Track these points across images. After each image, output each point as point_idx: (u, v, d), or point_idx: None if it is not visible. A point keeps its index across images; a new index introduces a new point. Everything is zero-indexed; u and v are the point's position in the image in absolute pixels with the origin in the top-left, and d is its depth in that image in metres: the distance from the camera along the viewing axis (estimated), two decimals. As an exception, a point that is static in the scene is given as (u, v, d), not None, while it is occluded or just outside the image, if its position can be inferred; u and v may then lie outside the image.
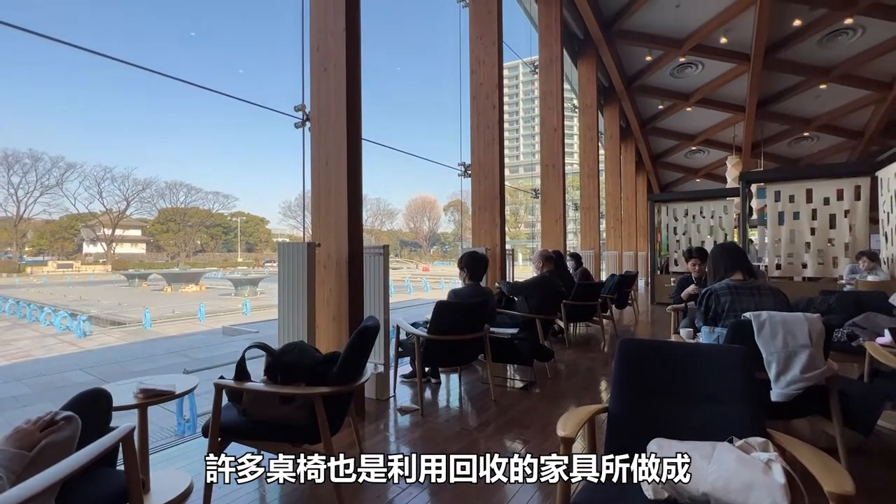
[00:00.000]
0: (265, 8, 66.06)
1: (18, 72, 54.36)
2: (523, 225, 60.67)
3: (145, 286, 31.62)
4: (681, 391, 1.51)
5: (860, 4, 7.06)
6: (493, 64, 4.86)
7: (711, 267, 2.53)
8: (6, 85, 54.62)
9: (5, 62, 52.20)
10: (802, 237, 6.39)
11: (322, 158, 2.99)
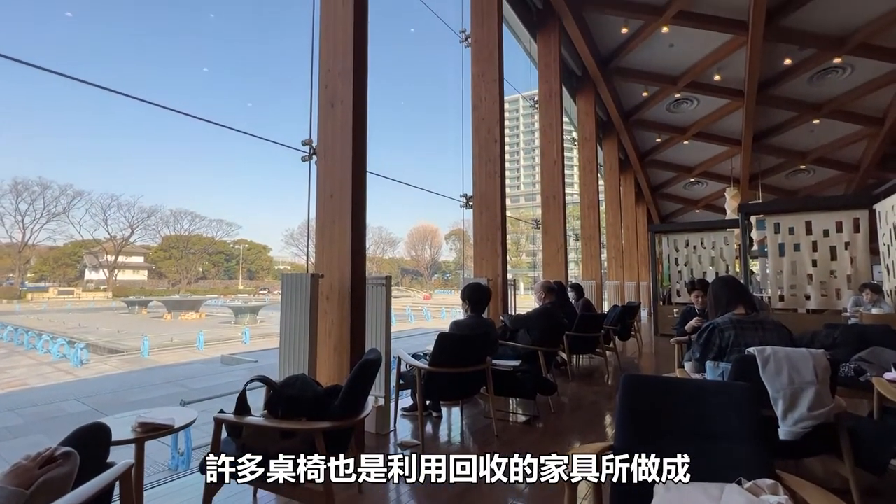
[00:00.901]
0: (276, 44, 68.71)
1: (36, 103, 56.11)
2: (524, 254, 60.76)
3: (145, 313, 31.46)
4: (687, 430, 1.49)
5: (847, 45, 7.33)
6: (495, 100, 5.02)
7: (712, 301, 2.53)
8: (22, 116, 56.27)
9: (24, 95, 54.00)
10: (804, 269, 6.39)
11: (327, 191, 3.05)
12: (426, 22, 68.70)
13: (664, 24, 7.32)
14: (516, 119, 69.76)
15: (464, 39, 5.40)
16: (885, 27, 6.88)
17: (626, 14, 7.38)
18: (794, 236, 6.50)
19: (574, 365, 5.38)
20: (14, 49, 41.73)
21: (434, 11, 5.59)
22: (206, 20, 62.52)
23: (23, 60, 3.11)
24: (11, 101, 55.89)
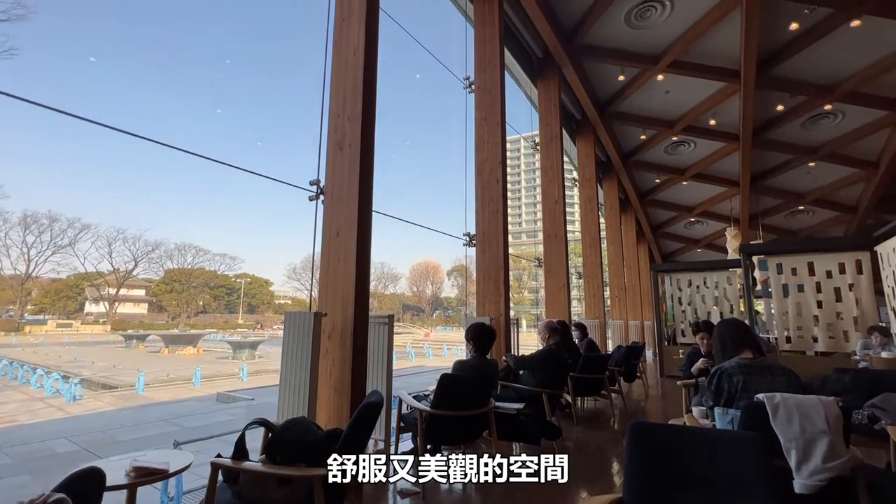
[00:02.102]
0: (288, 87, 71.76)
1: (52, 140, 58.04)
2: (527, 291, 60.46)
3: (142, 348, 31.05)
4: (698, 481, 1.44)
5: (836, 93, 7.61)
6: (497, 143, 5.18)
7: (718, 344, 2.50)
8: (37, 152, 58.06)
9: (43, 134, 56.01)
10: (810, 310, 6.34)
11: (333, 230, 3.11)
12: (432, 68, 71.91)
13: (659, 72, 7.64)
14: (518, 158, 71.44)
15: (467, 86, 5.64)
16: (871, 77, 7.17)
17: (622, 63, 7.73)
18: (797, 277, 6.49)
19: (579, 407, 5.24)
20: (39, 91, 43.59)
21: (439, 60, 5.89)
22: (222, 65, 65.71)
23: (47, 105, 3.26)
24: (28, 138, 57.85)
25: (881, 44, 6.67)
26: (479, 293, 5.07)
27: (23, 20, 22.27)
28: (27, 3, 38.54)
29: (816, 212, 12.33)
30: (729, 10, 6.21)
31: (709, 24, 6.58)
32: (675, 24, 6.85)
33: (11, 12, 14.14)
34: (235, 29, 67.26)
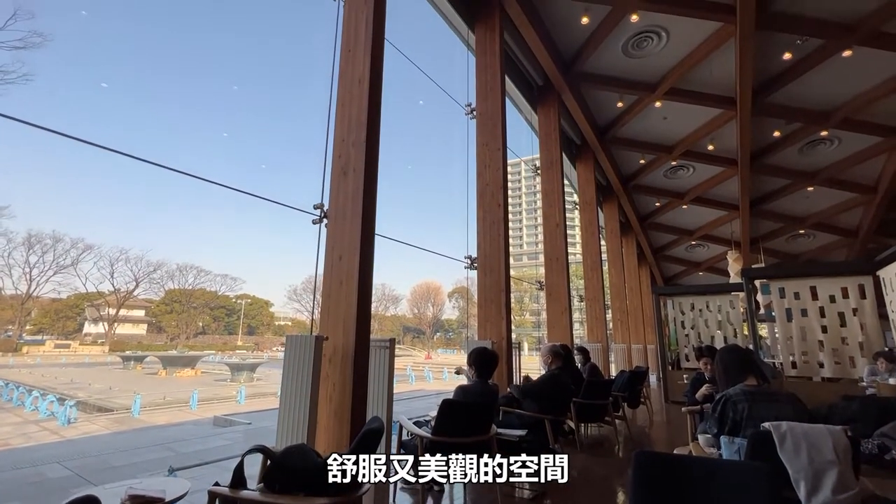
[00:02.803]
0: (294, 113, 73.45)
1: (61, 167, 59.03)
2: (528, 313, 60.06)
3: (140, 369, 30.71)
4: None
5: (832, 120, 7.75)
6: (498, 167, 5.26)
7: (721, 371, 2.47)
8: (43, 173, 58.96)
9: (50, 155, 57.02)
10: (814, 335, 6.28)
11: (336, 254, 3.13)
12: (434, 95, 73.58)
13: (657, 99, 7.82)
14: (518, 181, 72.18)
15: (469, 112, 5.77)
16: (865, 104, 7.32)
17: (620, 90, 7.91)
18: (800, 301, 6.46)
19: (582, 434, 5.14)
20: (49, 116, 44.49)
21: (442, 88, 6.05)
22: (230, 91, 67.46)
23: (57, 131, 3.34)
24: (36, 158, 58.86)
25: (872, 73, 6.84)
26: (480, 316, 5.05)
27: (38, 48, 22.99)
28: (43, 31, 39.87)
29: (817, 236, 12.35)
30: (723, 40, 6.40)
31: (704, 54, 6.77)
32: (671, 54, 7.04)
33: (28, 40, 14.68)
34: (244, 57, 69.34)
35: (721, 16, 5.92)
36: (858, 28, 5.92)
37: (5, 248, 39.67)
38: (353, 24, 3.60)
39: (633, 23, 6.38)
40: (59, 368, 29.28)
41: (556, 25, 6.72)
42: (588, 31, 6.74)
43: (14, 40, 15.51)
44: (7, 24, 11.65)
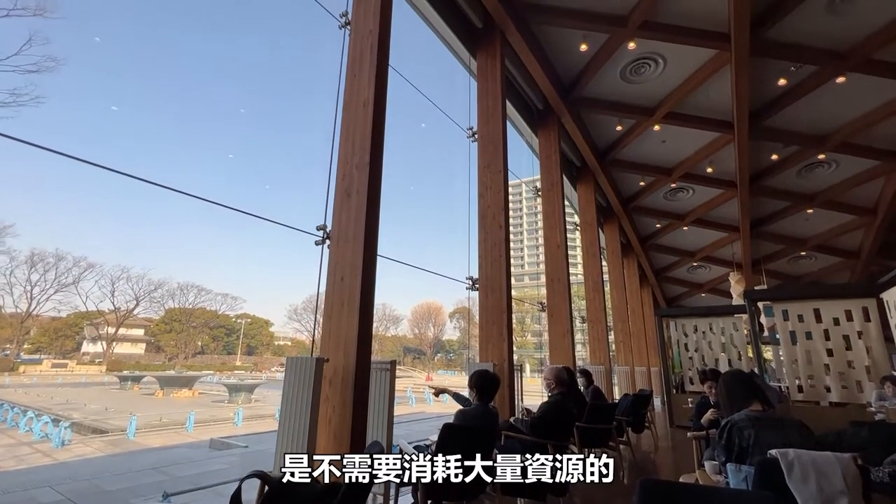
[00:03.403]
0: (299, 135, 74.82)
1: (67, 186, 59.81)
2: (530, 334, 59.54)
3: (136, 390, 30.32)
4: (713, 546, 1.38)
5: (829, 143, 7.86)
6: (499, 189, 5.32)
7: (725, 396, 2.44)
8: (49, 192, 59.67)
9: (57, 179, 57.85)
10: (820, 358, 6.20)
11: (338, 274, 3.14)
12: (437, 118, 75.05)
13: (655, 123, 7.95)
14: (519, 202, 72.68)
15: (471, 135, 5.87)
16: (860, 129, 7.43)
17: (619, 114, 8.06)
18: (804, 324, 6.40)
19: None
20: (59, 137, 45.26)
21: (444, 112, 6.18)
22: (237, 115, 68.89)
23: (66, 154, 3.41)
24: (41, 177, 59.63)
25: (867, 98, 6.97)
26: (481, 338, 5.02)
27: (51, 71, 23.59)
28: (57, 56, 40.99)
29: (819, 257, 12.34)
30: (718, 67, 6.55)
31: (700, 80, 6.91)
32: (668, 80, 7.20)
33: (42, 64, 15.14)
34: (252, 80, 71.07)
35: (716, 43, 6.08)
36: (850, 56, 6.06)
37: (7, 267, 39.78)
38: (358, 51, 3.71)
39: (631, 50, 6.55)
40: (55, 388, 28.92)
41: (555, 52, 6.90)
42: (587, 58, 6.92)
43: (28, 64, 15.98)
44: (22, 49, 12.06)
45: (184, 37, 63.05)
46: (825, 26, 5.83)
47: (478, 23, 6.13)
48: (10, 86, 23.74)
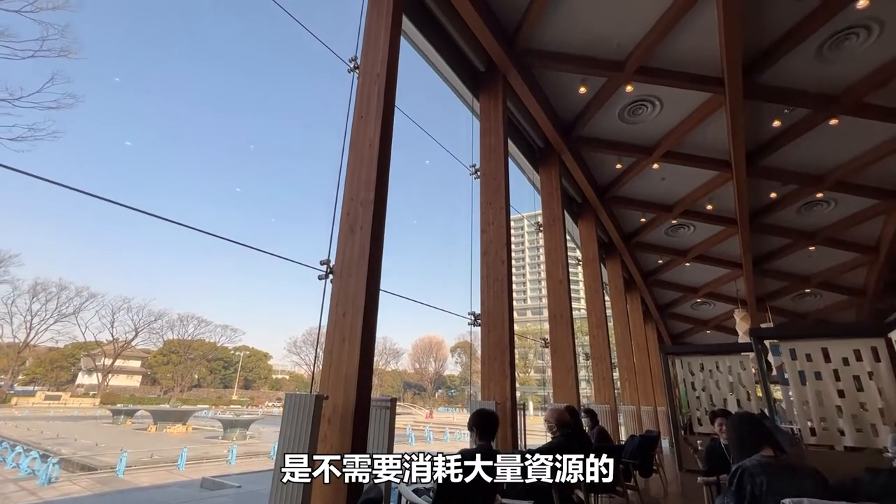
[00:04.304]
0: (304, 171, 76.72)
1: (72, 217, 60.84)
2: (533, 370, 58.33)
3: (129, 424, 29.55)
4: None
5: (826, 182, 7.98)
6: (501, 225, 5.38)
7: (735, 439, 2.38)
8: (54, 222, 60.54)
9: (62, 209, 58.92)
10: (831, 399, 6.03)
11: (340, 310, 3.14)
12: (440, 155, 76.94)
13: (654, 161, 8.12)
14: (521, 236, 73.13)
15: (473, 172, 6.01)
16: (856, 169, 7.56)
17: (618, 153, 8.25)
18: (812, 363, 6.27)
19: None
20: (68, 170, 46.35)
21: (448, 150, 6.35)
22: (246, 150, 70.91)
23: (76, 188, 3.50)
24: (53, 211, 60.69)
25: (862, 140, 7.14)
26: (483, 375, 4.93)
27: (70, 108, 24.50)
28: (77, 93, 42.67)
29: (824, 295, 12.24)
30: (714, 109, 6.77)
31: (696, 121, 7.13)
32: (666, 120, 7.42)
33: (61, 101, 15.81)
34: (263, 116, 73.54)
35: (710, 87, 6.31)
36: (841, 100, 6.27)
37: (10, 296, 39.76)
38: (366, 94, 3.87)
39: (628, 92, 6.79)
40: (46, 422, 28.24)
41: (555, 94, 7.16)
42: (586, 100, 7.17)
43: (49, 101, 16.65)
44: (45, 87, 12.61)
45: (198, 76, 65.87)
46: (816, 72, 6.06)
47: (480, 66, 6.40)
48: (29, 121, 24.61)
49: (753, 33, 5.58)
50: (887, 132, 6.85)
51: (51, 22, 8.29)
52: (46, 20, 8.13)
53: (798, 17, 5.34)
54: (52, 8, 7.84)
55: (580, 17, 5.72)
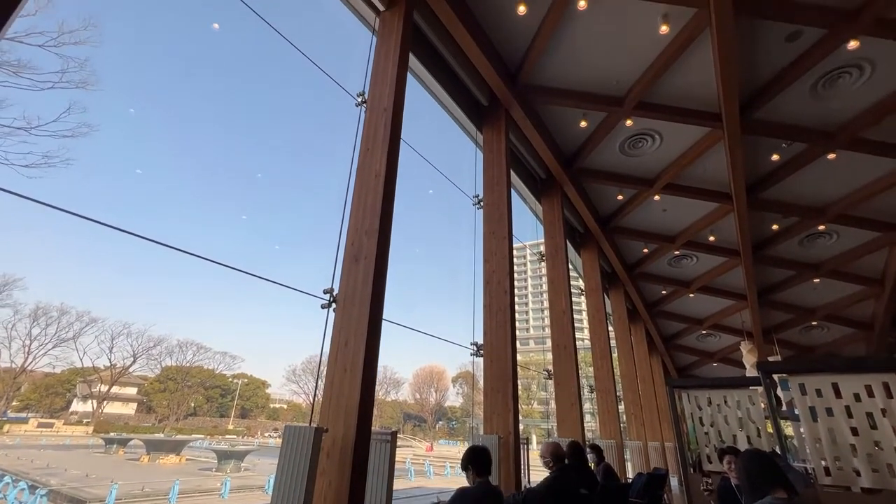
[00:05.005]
0: (310, 201, 77.93)
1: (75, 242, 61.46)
2: (536, 402, 56.95)
3: (122, 454, 28.79)
4: None
5: (827, 215, 8.02)
6: (504, 255, 5.41)
7: (745, 479, 2.30)
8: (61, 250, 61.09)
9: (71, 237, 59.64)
10: (844, 438, 5.82)
11: (342, 339, 3.13)
12: (444, 185, 78.08)
13: (655, 193, 8.22)
14: (524, 265, 73.07)
15: (477, 202, 6.09)
16: (857, 202, 7.61)
17: (619, 185, 8.36)
18: (823, 399, 6.10)
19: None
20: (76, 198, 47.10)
21: (452, 181, 6.46)
22: (254, 179, 72.29)
23: (88, 217, 3.57)
24: (58, 236, 61.36)
25: (860, 173, 7.22)
26: (486, 408, 4.83)
27: (85, 136, 25.17)
28: (92, 122, 43.92)
29: (831, 327, 12.07)
30: (713, 143, 6.90)
31: (696, 154, 7.25)
32: (666, 153, 7.56)
33: (77, 130, 16.29)
34: (271, 146, 75.33)
35: (708, 122, 6.46)
36: (838, 135, 6.39)
37: (10, 320, 39.62)
38: (373, 127, 3.98)
39: (628, 126, 6.96)
40: (38, 451, 27.57)
41: (556, 127, 7.34)
42: (587, 133, 7.33)
43: (64, 130, 17.14)
44: (61, 116, 13.08)
45: (210, 107, 67.96)
46: (811, 108, 6.21)
47: (484, 101, 6.60)
48: (44, 148, 25.24)
49: (748, 71, 5.76)
50: (886, 166, 6.94)
51: (71, 55, 8.67)
52: (67, 54, 8.50)
53: (791, 57, 5.52)
54: (73, 43, 8.20)
55: (580, 56, 5.93)
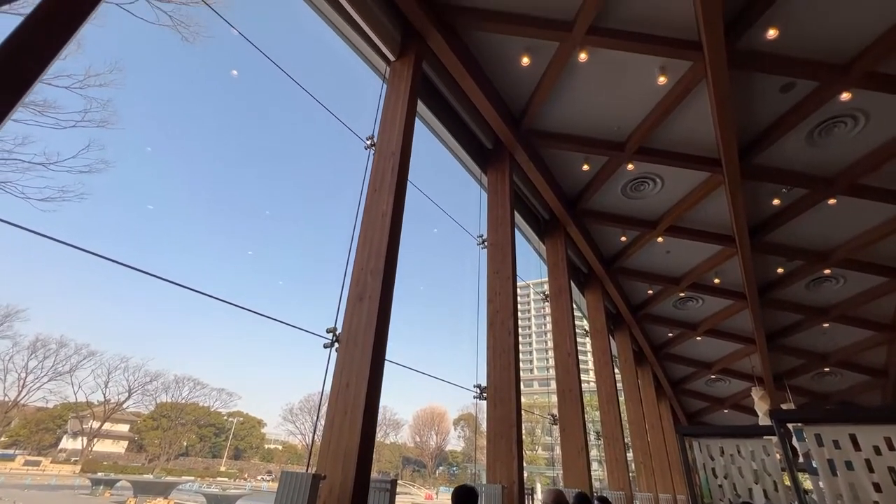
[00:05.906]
0: (316, 239, 78.94)
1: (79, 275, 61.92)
2: (540, 447, 54.70)
3: (108, 496, 27.56)
4: None
5: (832, 259, 8.00)
6: (508, 295, 5.39)
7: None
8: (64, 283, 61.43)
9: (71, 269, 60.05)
10: (867, 494, 5.51)
11: (344, 380, 3.08)
12: (448, 225, 78.93)
13: (658, 235, 8.27)
14: (527, 304, 72.38)
15: (481, 242, 6.14)
16: (861, 247, 7.62)
17: (622, 227, 8.44)
18: (841, 451, 5.83)
19: None
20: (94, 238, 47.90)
21: (457, 221, 6.55)
22: (261, 216, 73.60)
23: (93, 252, 3.62)
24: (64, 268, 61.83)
25: (862, 219, 7.27)
26: (489, 454, 4.66)
27: (101, 172, 25.91)
28: (109, 159, 45.35)
29: (844, 374, 11.73)
30: (714, 187, 7.01)
31: (698, 198, 7.35)
32: (668, 196, 7.67)
33: (94, 166, 16.89)
34: (280, 185, 77.06)
35: (709, 167, 6.60)
36: (836, 181, 6.49)
37: (8, 352, 39.18)
38: (381, 169, 4.10)
39: (630, 170, 7.11)
40: (21, 490, 26.48)
41: (559, 170, 7.50)
42: (589, 176, 7.49)
43: (81, 166, 17.87)
44: (80, 153, 13.56)
45: (221, 147, 70.14)
46: (809, 155, 6.35)
47: (488, 144, 6.80)
48: (60, 183, 25.93)
49: (746, 118, 5.94)
50: (888, 212, 7.00)
51: (95, 97, 9.12)
52: (91, 95, 8.95)
53: (786, 106, 5.71)
54: (98, 85, 8.62)
55: (581, 103, 6.17)
